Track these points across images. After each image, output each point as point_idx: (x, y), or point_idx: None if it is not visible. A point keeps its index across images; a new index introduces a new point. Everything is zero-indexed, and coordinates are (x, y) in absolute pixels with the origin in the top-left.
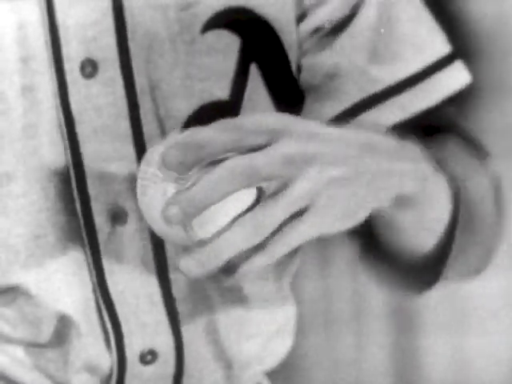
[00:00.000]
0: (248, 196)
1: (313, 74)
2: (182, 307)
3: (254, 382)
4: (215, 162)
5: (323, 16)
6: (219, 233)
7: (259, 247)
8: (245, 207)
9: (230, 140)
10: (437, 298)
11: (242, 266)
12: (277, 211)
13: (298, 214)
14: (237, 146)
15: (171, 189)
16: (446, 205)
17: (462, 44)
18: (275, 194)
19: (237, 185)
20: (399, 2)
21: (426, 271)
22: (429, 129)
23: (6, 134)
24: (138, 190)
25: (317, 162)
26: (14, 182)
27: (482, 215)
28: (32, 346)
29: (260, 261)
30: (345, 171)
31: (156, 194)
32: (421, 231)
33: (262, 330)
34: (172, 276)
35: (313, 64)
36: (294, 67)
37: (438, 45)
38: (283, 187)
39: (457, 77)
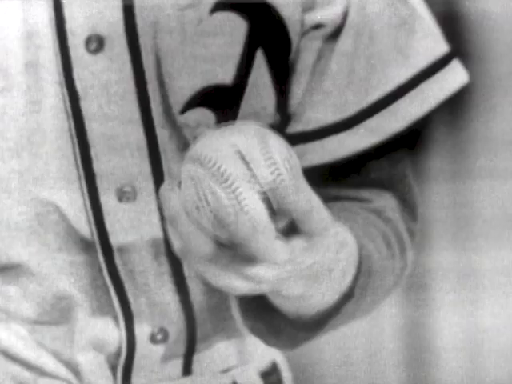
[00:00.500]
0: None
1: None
2: (193, 285)
3: (267, 358)
4: None
5: (328, 14)
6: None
7: None
8: None
9: None
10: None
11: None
12: None
13: None
14: None
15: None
16: (351, 274)
17: (464, 42)
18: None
19: None
20: (385, 7)
21: (306, 329)
22: (370, 181)
23: (9, 110)
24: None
25: None
26: (16, 158)
27: (381, 277)
28: (36, 323)
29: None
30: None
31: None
32: (321, 298)
33: None
34: None
35: (302, 69)
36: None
37: (431, 48)
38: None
39: (454, 77)
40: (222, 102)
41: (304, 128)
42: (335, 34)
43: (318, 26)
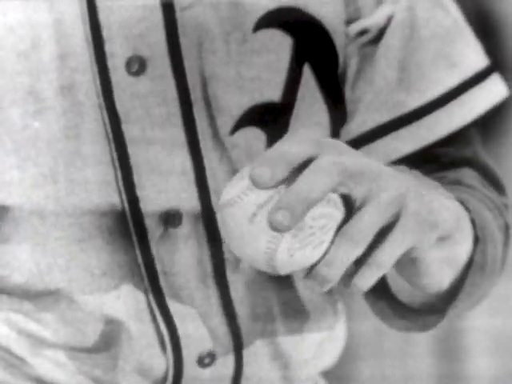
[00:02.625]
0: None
1: (350, 90)
2: (240, 309)
3: (310, 381)
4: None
5: (372, 21)
6: (327, 250)
7: (362, 260)
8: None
9: (310, 150)
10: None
11: (354, 281)
12: (374, 217)
13: (387, 229)
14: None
15: (259, 208)
16: (469, 242)
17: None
18: (362, 205)
19: (333, 177)
20: (432, 15)
21: (431, 311)
22: (444, 164)
23: (43, 134)
24: (222, 218)
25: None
26: (52, 184)
27: (493, 254)
28: (76, 350)
29: (372, 273)
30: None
31: (245, 213)
32: (443, 270)
33: (316, 329)
34: (230, 277)
35: (353, 78)
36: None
37: (474, 59)
38: (366, 199)
39: (494, 91)
40: (272, 120)
41: (363, 130)
42: (380, 35)
43: (362, 33)
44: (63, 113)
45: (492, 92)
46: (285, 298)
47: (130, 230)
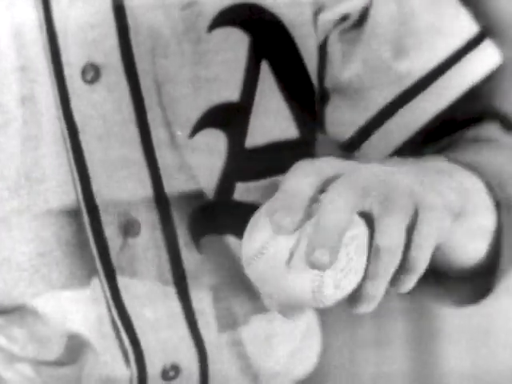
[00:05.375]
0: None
1: (340, 76)
2: (203, 320)
3: None
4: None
5: (348, 4)
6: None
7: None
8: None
9: (318, 182)
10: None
11: (397, 289)
12: (397, 222)
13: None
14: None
15: (291, 252)
16: (489, 209)
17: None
18: (381, 215)
19: (353, 199)
20: None
21: (478, 284)
22: (460, 123)
23: (6, 147)
24: (255, 271)
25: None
26: (16, 198)
27: None
28: (42, 364)
29: (411, 276)
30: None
31: (280, 261)
32: (469, 242)
33: (285, 341)
34: (192, 288)
35: (340, 63)
36: (312, 64)
37: (465, 26)
38: (384, 207)
39: (487, 57)
40: (232, 120)
41: (370, 114)
42: (362, 17)
43: (344, 18)
44: (24, 124)
45: (485, 59)
46: (250, 308)
47: (90, 241)
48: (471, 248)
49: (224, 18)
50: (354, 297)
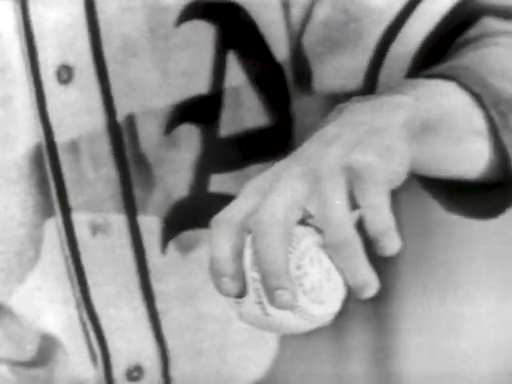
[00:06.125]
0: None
1: (324, 29)
2: (166, 321)
3: None
4: None
5: None
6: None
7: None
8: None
9: (238, 240)
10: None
11: (383, 252)
12: (336, 195)
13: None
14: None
15: (260, 304)
16: (470, 105)
17: None
18: (318, 214)
19: (284, 228)
20: None
21: (494, 194)
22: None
23: None
24: (238, 316)
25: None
26: None
27: None
28: (17, 364)
29: (388, 239)
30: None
31: (255, 312)
32: (456, 145)
33: (244, 339)
34: (156, 288)
35: (323, 15)
36: (282, 49)
37: None
38: (318, 199)
39: None
40: (203, 113)
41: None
42: None
43: None
44: (2, 126)
45: None
46: (213, 308)
47: (62, 240)
48: (468, 151)
49: (190, 12)
50: (352, 288)
